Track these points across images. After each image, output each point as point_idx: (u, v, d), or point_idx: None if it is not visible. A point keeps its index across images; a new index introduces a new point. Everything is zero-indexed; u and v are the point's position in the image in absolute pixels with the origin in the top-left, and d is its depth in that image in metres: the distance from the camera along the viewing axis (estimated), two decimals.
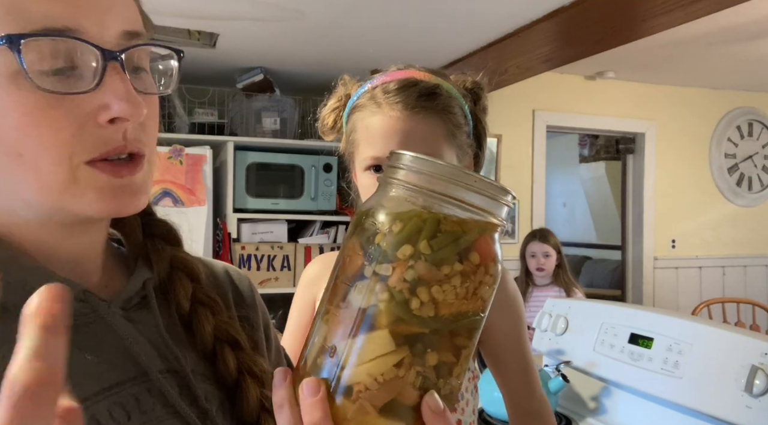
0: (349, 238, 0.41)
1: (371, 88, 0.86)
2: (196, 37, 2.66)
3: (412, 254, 0.38)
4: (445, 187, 0.39)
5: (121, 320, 0.51)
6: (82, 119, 0.45)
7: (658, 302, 4.31)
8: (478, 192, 0.39)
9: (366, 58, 2.87)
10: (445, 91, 0.85)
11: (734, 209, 4.61)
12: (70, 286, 0.47)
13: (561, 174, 6.14)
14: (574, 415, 1.64)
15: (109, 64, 0.45)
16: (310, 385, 0.38)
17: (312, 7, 2.32)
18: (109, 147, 0.46)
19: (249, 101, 3.19)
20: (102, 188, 0.46)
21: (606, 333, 1.55)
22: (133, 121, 0.46)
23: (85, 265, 0.52)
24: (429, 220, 0.38)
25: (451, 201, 0.39)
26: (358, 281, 0.39)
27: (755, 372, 1.18)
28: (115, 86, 0.45)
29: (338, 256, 0.42)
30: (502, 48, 2.67)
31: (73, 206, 0.47)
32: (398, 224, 0.38)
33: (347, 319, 0.39)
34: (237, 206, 3.05)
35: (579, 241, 6.18)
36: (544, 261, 2.93)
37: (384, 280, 0.38)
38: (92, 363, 0.47)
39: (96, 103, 0.45)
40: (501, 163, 3.97)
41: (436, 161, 0.40)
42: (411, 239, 0.38)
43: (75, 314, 0.48)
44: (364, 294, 0.38)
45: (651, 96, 4.32)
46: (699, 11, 2.11)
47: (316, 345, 0.40)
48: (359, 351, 0.38)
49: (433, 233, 0.38)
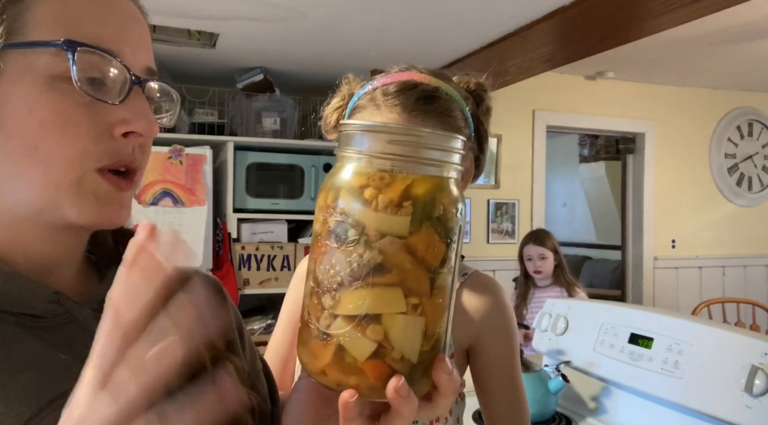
0: (323, 212, 0.43)
1: (372, 90, 0.86)
2: (196, 37, 2.66)
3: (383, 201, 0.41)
4: (415, 150, 0.41)
5: (93, 320, 0.51)
6: (101, 129, 0.50)
7: (658, 302, 4.32)
8: (438, 148, 0.42)
9: (366, 58, 2.87)
10: (444, 93, 0.84)
11: (734, 209, 4.61)
12: (41, 289, 0.50)
13: (561, 174, 6.14)
14: (574, 415, 1.64)
15: (135, 87, 0.51)
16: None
17: (312, 7, 2.32)
18: (119, 158, 0.51)
19: (249, 101, 3.19)
20: (103, 196, 0.51)
21: (606, 333, 1.55)
22: (146, 137, 0.52)
23: (60, 269, 0.54)
24: (418, 182, 0.42)
25: (424, 161, 0.41)
26: (344, 242, 0.41)
27: (755, 372, 1.18)
28: (137, 105, 0.51)
29: (314, 229, 0.44)
30: (502, 48, 2.67)
31: (69, 208, 0.50)
32: (374, 189, 0.41)
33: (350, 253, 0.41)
34: (237, 206, 3.05)
35: (579, 241, 6.18)
36: (541, 264, 2.93)
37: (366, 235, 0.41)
38: (66, 362, 0.48)
39: (117, 117, 0.50)
40: (501, 163, 3.97)
41: (398, 126, 0.43)
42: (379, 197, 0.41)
43: (49, 315, 0.50)
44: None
45: (651, 96, 4.33)
46: (699, 11, 2.11)
47: (308, 288, 0.44)
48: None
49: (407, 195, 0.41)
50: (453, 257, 0.43)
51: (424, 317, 0.41)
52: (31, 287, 0.50)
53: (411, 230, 0.40)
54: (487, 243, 3.95)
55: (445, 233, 0.42)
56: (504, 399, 0.92)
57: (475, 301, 0.90)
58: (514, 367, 0.93)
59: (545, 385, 1.56)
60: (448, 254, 0.42)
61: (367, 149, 0.41)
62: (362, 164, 0.41)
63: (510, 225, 4.01)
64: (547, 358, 1.76)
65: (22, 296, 0.49)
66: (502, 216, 4.01)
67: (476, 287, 0.91)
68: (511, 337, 0.92)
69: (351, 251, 0.40)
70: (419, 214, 0.40)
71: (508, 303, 0.93)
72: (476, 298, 0.90)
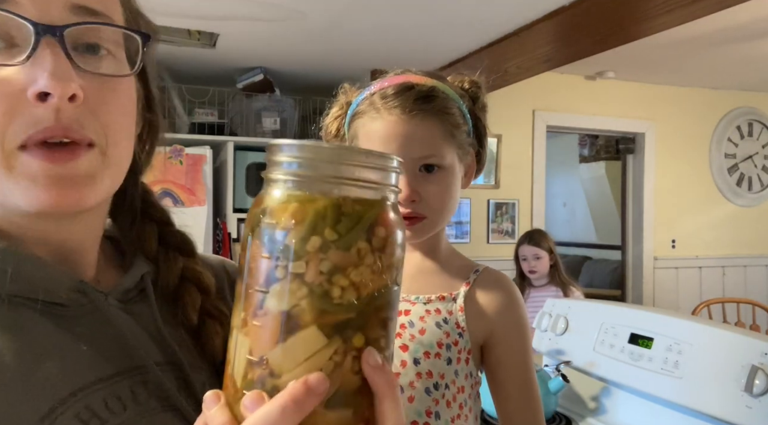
0: (247, 243, 0.39)
1: (370, 95, 0.87)
2: (196, 37, 2.66)
3: (321, 244, 0.37)
4: (336, 169, 0.38)
5: (118, 311, 0.50)
6: (12, 97, 0.42)
7: (658, 302, 4.32)
8: (368, 167, 0.39)
9: (366, 58, 2.87)
10: (441, 92, 0.86)
11: (734, 209, 4.61)
12: (66, 277, 0.47)
13: (561, 174, 6.14)
14: (574, 415, 1.64)
15: (43, 38, 0.43)
16: (253, 399, 0.36)
17: (312, 7, 2.32)
18: (38, 127, 0.43)
19: (249, 101, 3.19)
20: (35, 176, 0.43)
21: (606, 333, 1.55)
22: (59, 97, 0.42)
23: (79, 256, 0.51)
24: (329, 206, 0.37)
25: (345, 182, 0.38)
26: (271, 285, 0.37)
27: (755, 372, 1.18)
28: (43, 60, 0.42)
29: (241, 264, 0.40)
30: (502, 48, 2.67)
31: (12, 198, 0.44)
32: (299, 217, 0.37)
33: (269, 326, 0.37)
34: (237, 206, 3.05)
35: (579, 241, 6.18)
36: (535, 264, 2.95)
37: (300, 277, 0.37)
38: (88, 353, 0.46)
39: (26, 79, 0.42)
40: (501, 163, 3.97)
41: (318, 144, 0.39)
42: (316, 229, 0.37)
43: (71, 305, 0.48)
44: (283, 296, 0.37)
45: (651, 96, 4.33)
46: (699, 11, 2.11)
47: (241, 360, 0.38)
48: (292, 353, 0.37)
49: (337, 219, 0.37)
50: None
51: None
52: (56, 275, 0.47)
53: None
54: (487, 243, 3.96)
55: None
56: (517, 394, 0.91)
57: (488, 296, 0.90)
58: (527, 362, 0.92)
59: (545, 385, 1.56)
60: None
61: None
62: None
63: (510, 225, 4.01)
64: (547, 358, 1.76)
65: (48, 284, 0.46)
66: (502, 216, 4.01)
67: (488, 282, 0.91)
68: (524, 331, 0.92)
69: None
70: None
71: (520, 298, 0.93)
72: (489, 293, 0.90)
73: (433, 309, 0.88)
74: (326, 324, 0.37)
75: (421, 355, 0.85)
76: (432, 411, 0.84)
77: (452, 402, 0.86)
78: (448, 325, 0.87)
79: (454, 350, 0.86)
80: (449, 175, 0.86)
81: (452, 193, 0.87)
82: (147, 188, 0.62)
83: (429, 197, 0.84)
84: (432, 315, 0.88)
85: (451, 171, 0.87)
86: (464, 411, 0.88)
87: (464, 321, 0.87)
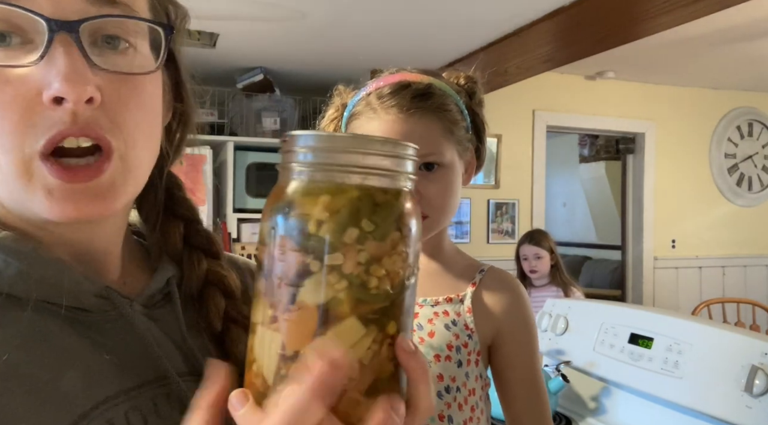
0: (270, 238, 0.38)
1: (366, 95, 0.86)
2: (196, 37, 2.66)
3: (358, 235, 0.36)
4: (360, 159, 0.38)
5: (142, 319, 0.49)
6: (29, 100, 0.40)
7: (658, 302, 4.32)
8: (390, 156, 0.39)
9: (366, 58, 2.87)
10: (438, 89, 0.85)
11: (734, 209, 4.61)
12: (90, 282, 0.46)
13: (561, 174, 6.14)
14: (574, 415, 1.64)
15: (57, 35, 0.40)
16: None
17: (312, 7, 2.32)
18: (54, 130, 0.40)
19: (249, 101, 3.19)
20: (51, 190, 0.41)
21: (606, 333, 1.55)
22: (74, 102, 0.40)
23: (103, 258, 0.50)
24: (363, 197, 0.37)
25: (372, 171, 0.38)
26: (305, 279, 0.37)
27: (755, 372, 1.19)
28: (57, 60, 0.39)
29: (259, 260, 0.39)
30: (502, 48, 2.67)
31: (29, 205, 0.42)
32: (333, 209, 0.36)
33: (304, 320, 0.37)
34: (237, 206, 3.05)
35: (579, 241, 6.18)
36: (536, 263, 2.95)
37: (337, 269, 0.36)
38: (111, 363, 0.45)
39: (40, 81, 0.40)
40: (501, 163, 3.97)
41: (340, 134, 0.39)
42: (352, 220, 0.37)
43: (95, 311, 0.46)
44: (318, 289, 0.36)
45: (651, 96, 4.32)
46: (699, 11, 2.11)
47: (272, 357, 0.37)
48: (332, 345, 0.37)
49: (372, 209, 0.37)
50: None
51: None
52: (81, 280, 0.45)
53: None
54: (487, 243, 3.96)
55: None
56: (525, 393, 0.91)
57: (495, 296, 0.90)
58: (534, 361, 0.92)
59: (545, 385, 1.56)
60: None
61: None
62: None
63: (510, 225, 4.01)
64: (547, 358, 1.76)
65: (72, 289, 0.44)
66: (502, 216, 4.01)
67: (494, 282, 0.91)
68: (531, 330, 0.92)
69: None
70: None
71: (527, 297, 0.93)
72: (495, 293, 0.90)
73: (441, 311, 0.88)
74: (364, 313, 0.37)
75: (432, 358, 0.84)
76: (444, 415, 0.83)
77: (464, 405, 0.85)
78: (457, 327, 0.87)
79: (464, 352, 0.86)
80: (450, 172, 0.86)
81: (453, 191, 0.87)
82: (177, 181, 0.59)
83: (430, 195, 0.83)
84: (440, 317, 0.87)
85: (452, 168, 0.86)
86: (476, 414, 0.87)
87: (473, 322, 0.87)
